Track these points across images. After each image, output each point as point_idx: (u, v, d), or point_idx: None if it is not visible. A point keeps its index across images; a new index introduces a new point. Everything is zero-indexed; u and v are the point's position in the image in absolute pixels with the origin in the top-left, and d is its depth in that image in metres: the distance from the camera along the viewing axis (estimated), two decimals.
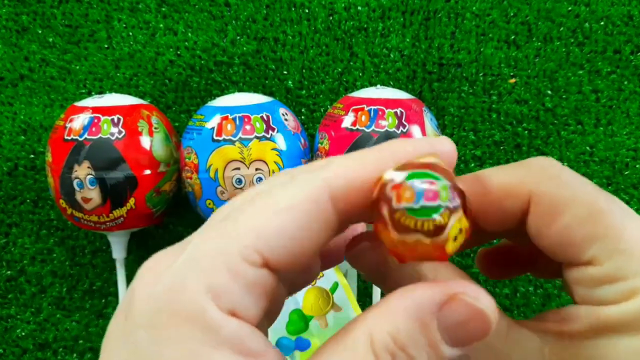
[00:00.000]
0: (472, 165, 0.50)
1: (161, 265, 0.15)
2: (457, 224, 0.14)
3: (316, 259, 0.20)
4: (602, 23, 0.50)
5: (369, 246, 0.18)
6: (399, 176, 0.14)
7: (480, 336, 0.14)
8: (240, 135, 0.40)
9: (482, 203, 0.17)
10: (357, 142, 0.41)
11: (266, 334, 0.20)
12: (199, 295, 0.14)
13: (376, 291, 0.47)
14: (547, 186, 0.16)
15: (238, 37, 0.51)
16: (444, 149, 0.16)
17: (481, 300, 0.14)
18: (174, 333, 0.14)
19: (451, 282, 0.15)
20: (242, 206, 0.15)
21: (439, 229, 0.14)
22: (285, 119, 0.43)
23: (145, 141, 0.42)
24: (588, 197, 0.16)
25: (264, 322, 0.19)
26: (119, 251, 0.46)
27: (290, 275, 0.18)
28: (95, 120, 0.41)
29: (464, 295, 0.14)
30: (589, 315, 0.16)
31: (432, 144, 0.16)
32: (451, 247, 0.14)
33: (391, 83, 0.51)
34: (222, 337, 0.14)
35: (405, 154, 0.15)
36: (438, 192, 0.14)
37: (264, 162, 0.41)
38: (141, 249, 0.52)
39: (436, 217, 0.14)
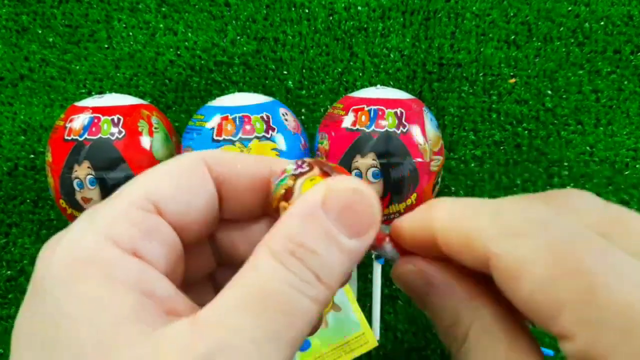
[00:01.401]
0: (472, 165, 0.50)
1: (57, 239, 0.15)
2: (308, 183, 0.16)
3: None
4: (602, 23, 0.50)
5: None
6: None
7: (367, 219, 0.15)
8: (240, 135, 0.40)
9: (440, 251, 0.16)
10: (357, 142, 0.40)
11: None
12: (98, 242, 0.14)
13: (376, 291, 0.47)
14: (502, 246, 0.14)
15: (238, 37, 0.51)
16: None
17: (351, 181, 0.15)
18: (75, 282, 0.13)
19: (332, 177, 0.16)
20: (133, 179, 0.17)
21: (289, 192, 0.17)
22: (285, 119, 0.43)
23: (145, 141, 0.42)
24: (549, 254, 0.13)
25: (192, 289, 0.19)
26: None
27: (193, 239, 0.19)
28: (95, 120, 0.41)
29: (337, 182, 0.15)
30: None
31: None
32: None
33: (391, 83, 0.51)
34: (123, 276, 0.14)
35: (278, 165, 0.18)
36: (285, 169, 0.17)
37: None
38: None
39: (283, 184, 0.17)
